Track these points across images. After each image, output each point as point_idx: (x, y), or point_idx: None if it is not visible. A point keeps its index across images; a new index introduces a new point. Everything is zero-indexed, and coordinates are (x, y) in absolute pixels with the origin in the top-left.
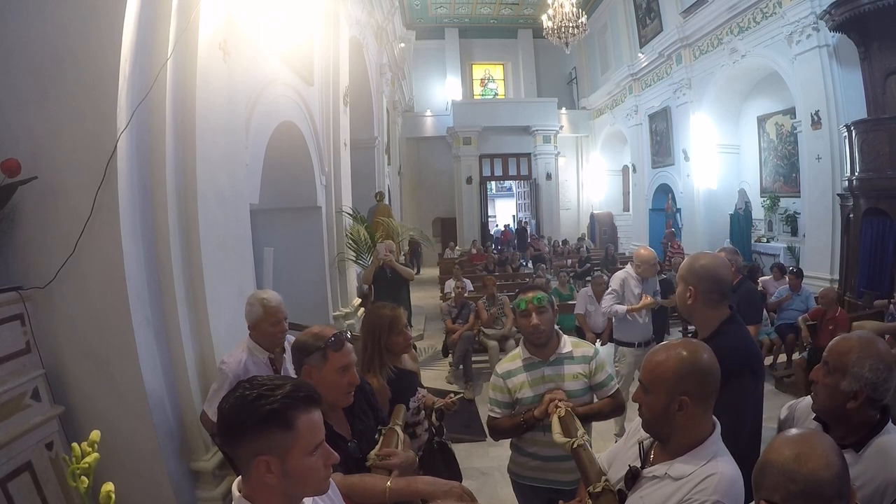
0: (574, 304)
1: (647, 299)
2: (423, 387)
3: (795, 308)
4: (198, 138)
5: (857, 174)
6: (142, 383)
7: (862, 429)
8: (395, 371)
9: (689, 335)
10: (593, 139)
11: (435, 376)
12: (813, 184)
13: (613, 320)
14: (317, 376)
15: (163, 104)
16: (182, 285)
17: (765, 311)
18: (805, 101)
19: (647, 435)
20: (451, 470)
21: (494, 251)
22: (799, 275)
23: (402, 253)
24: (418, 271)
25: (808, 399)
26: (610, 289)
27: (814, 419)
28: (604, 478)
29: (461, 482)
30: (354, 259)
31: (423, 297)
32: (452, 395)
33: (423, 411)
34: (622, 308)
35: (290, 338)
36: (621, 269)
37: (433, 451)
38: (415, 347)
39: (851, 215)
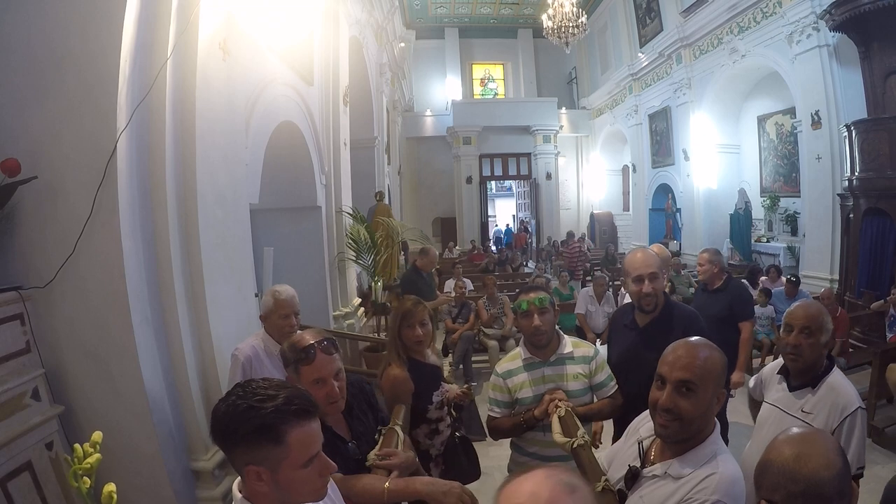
0: (574, 304)
1: None
2: (447, 381)
3: None
4: (198, 138)
5: (857, 174)
6: (142, 383)
7: (810, 372)
8: (407, 362)
9: None
10: (593, 139)
11: None
12: (813, 184)
13: None
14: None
15: (163, 104)
16: (182, 285)
17: (762, 310)
18: (805, 101)
19: (647, 434)
20: (472, 464)
21: (496, 253)
22: (796, 283)
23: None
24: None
25: (770, 364)
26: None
27: (777, 373)
28: (604, 478)
29: (480, 476)
30: (354, 259)
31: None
32: (466, 385)
33: (445, 406)
34: None
35: None
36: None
37: (455, 445)
38: None
39: (851, 215)
